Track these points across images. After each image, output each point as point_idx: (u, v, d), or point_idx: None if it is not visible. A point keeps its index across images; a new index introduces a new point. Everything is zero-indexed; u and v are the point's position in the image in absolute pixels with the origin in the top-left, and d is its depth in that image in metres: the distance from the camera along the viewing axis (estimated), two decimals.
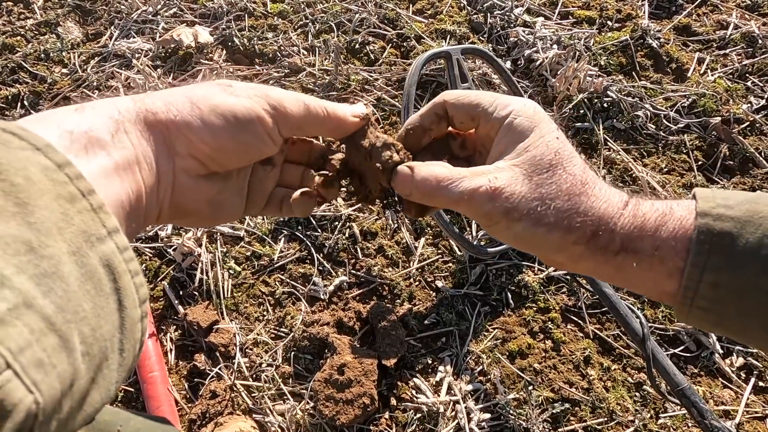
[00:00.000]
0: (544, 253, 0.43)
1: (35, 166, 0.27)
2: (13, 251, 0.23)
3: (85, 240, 0.27)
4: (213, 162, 0.39)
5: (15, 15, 1.52)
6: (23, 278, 0.23)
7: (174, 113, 0.37)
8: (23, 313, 0.23)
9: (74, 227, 0.27)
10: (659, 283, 0.39)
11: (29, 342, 0.22)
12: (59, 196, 0.27)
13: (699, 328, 0.41)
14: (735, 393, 0.88)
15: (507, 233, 0.42)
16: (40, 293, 0.24)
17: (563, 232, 0.40)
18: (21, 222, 0.25)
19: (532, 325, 0.94)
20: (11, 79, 1.36)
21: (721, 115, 1.20)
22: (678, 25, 1.40)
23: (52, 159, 0.28)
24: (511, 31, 1.37)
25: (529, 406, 0.85)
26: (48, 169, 0.27)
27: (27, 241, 0.24)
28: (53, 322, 0.24)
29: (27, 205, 0.25)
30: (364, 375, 0.83)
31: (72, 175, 0.28)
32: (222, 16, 1.45)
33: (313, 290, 0.99)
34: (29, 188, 0.26)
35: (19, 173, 0.26)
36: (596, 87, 1.23)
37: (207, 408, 0.85)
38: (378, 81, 1.29)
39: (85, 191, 0.28)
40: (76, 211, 0.27)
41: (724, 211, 0.37)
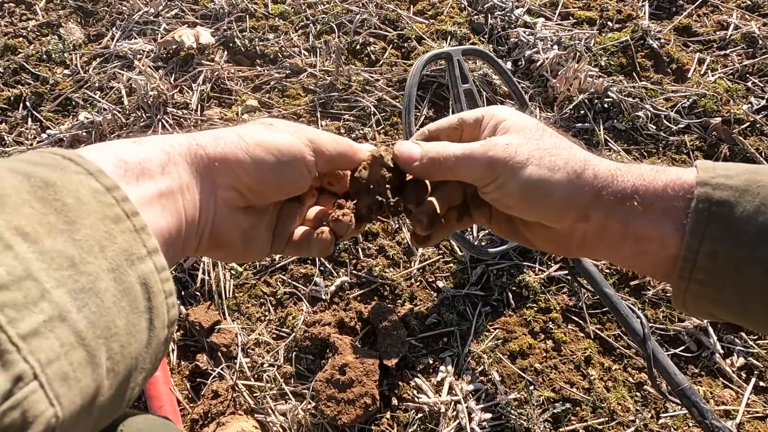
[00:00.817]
0: (553, 208, 0.42)
1: (86, 188, 0.29)
2: (57, 265, 0.25)
3: (125, 258, 0.29)
4: (253, 194, 0.42)
5: (17, 16, 1.52)
6: (62, 292, 0.24)
7: (222, 146, 0.39)
8: (57, 326, 0.24)
9: (117, 246, 0.29)
10: (665, 244, 0.39)
11: (58, 355, 0.23)
12: (105, 217, 0.29)
13: (695, 313, 0.41)
14: (735, 393, 0.88)
15: (512, 184, 0.42)
16: (75, 307, 0.25)
17: (568, 175, 0.41)
18: (67, 239, 0.26)
19: (533, 325, 0.94)
20: (13, 80, 1.36)
21: (721, 116, 1.20)
22: (678, 25, 1.40)
23: (102, 183, 0.30)
24: (511, 31, 1.37)
25: (530, 406, 0.85)
26: (97, 192, 0.29)
27: (70, 256, 0.26)
28: (83, 336, 0.25)
29: (74, 223, 0.27)
30: (365, 375, 0.84)
31: (119, 198, 0.30)
32: (223, 17, 1.46)
33: (314, 290, 0.99)
34: (78, 208, 0.28)
35: (71, 195, 0.28)
36: (597, 87, 1.23)
37: (209, 408, 0.86)
38: (379, 82, 1.29)
39: (129, 213, 0.30)
40: (119, 230, 0.29)
41: (724, 180, 0.37)
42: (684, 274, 0.38)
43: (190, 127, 1.23)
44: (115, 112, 1.25)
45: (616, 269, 1.00)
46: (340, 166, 0.48)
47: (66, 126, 1.25)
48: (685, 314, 0.41)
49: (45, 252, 0.25)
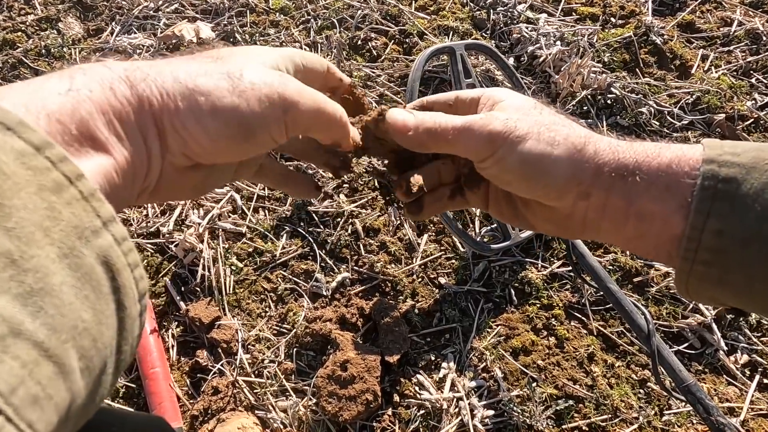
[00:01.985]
0: (553, 184, 0.41)
1: (8, 152, 0.23)
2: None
3: (78, 236, 0.24)
4: (204, 159, 0.36)
5: (16, 11, 1.51)
6: (5, 301, 0.20)
7: (171, 108, 0.32)
8: (11, 345, 0.20)
9: (63, 223, 0.24)
10: (668, 223, 0.38)
11: (21, 378, 0.20)
12: (42, 188, 0.23)
13: (697, 297, 0.40)
14: (739, 390, 0.88)
15: (511, 159, 0.40)
16: (28, 316, 0.21)
17: (569, 150, 0.40)
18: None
19: (536, 322, 0.94)
20: (12, 75, 1.35)
21: (725, 112, 1.20)
22: (682, 21, 1.40)
23: (28, 140, 0.23)
24: (513, 27, 1.36)
25: (532, 402, 0.84)
26: (25, 155, 0.23)
27: (6, 252, 0.21)
28: (47, 347, 0.21)
29: (2, 207, 0.22)
30: (367, 371, 0.83)
31: (55, 158, 0.24)
32: (223, 12, 1.45)
33: (315, 287, 0.98)
34: (2, 184, 0.22)
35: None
36: (600, 84, 1.22)
37: (209, 404, 0.85)
38: (380, 77, 1.28)
39: (72, 176, 0.25)
40: (64, 202, 0.24)
41: (731, 158, 0.36)
42: (688, 255, 0.37)
43: None
44: None
45: (620, 265, 1.00)
46: (321, 136, 0.41)
47: None
48: (687, 299, 0.41)
49: None
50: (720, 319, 0.94)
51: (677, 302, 0.96)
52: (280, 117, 0.35)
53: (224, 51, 0.37)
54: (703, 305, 0.94)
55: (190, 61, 0.35)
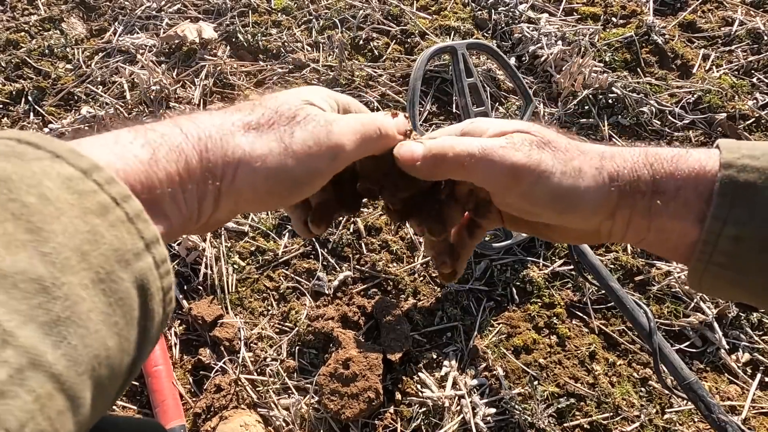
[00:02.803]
0: (582, 215, 0.40)
1: (53, 179, 0.23)
2: (21, 294, 0.20)
3: (117, 260, 0.24)
4: (248, 211, 0.39)
5: (19, 11, 1.52)
6: (30, 330, 0.20)
7: (230, 177, 0.34)
8: (28, 378, 0.20)
9: (105, 246, 0.24)
10: (686, 233, 0.38)
11: (32, 414, 0.20)
12: (86, 211, 0.24)
13: (710, 293, 0.40)
14: (741, 388, 0.88)
15: (539, 193, 0.39)
16: (50, 345, 0.21)
17: (595, 180, 0.39)
18: (33, 253, 0.21)
19: (537, 321, 0.94)
20: (15, 75, 1.36)
21: (726, 112, 1.20)
22: (683, 21, 1.40)
23: (76, 165, 0.24)
24: (515, 27, 1.37)
25: (534, 400, 0.85)
26: (71, 179, 0.24)
27: (39, 278, 0.21)
28: (63, 380, 0.21)
29: (41, 231, 0.22)
30: (369, 369, 0.83)
31: (102, 181, 0.25)
32: (226, 12, 1.45)
33: (317, 285, 0.99)
34: (43, 209, 0.22)
35: (31, 191, 0.22)
36: (601, 83, 1.22)
37: (212, 402, 0.85)
38: (382, 77, 1.28)
39: (119, 197, 0.25)
40: (108, 224, 0.24)
41: (749, 161, 0.36)
42: (703, 257, 0.37)
43: None
44: (117, 107, 1.24)
45: (621, 264, 1.00)
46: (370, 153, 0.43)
47: (68, 120, 1.25)
48: (698, 292, 0.41)
49: (4, 278, 0.20)
50: (721, 317, 0.94)
51: (679, 301, 0.96)
52: (328, 165, 0.37)
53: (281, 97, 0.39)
54: (709, 297, 0.94)
55: (249, 116, 0.36)
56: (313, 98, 0.40)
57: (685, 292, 0.96)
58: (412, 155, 0.41)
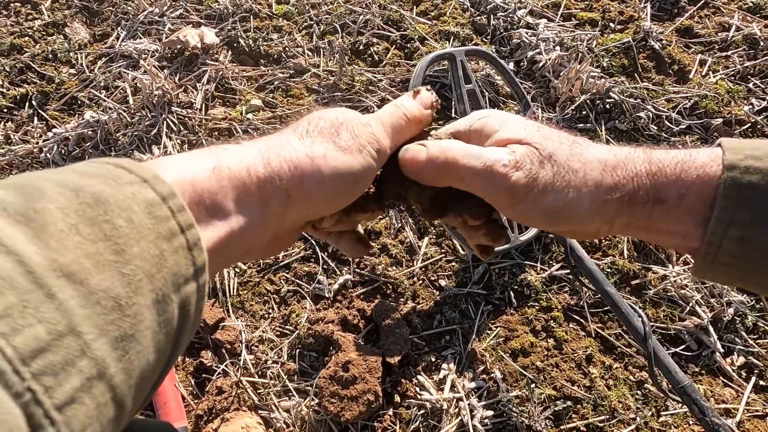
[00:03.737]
0: (576, 225, 0.41)
1: (140, 203, 0.27)
2: (101, 310, 0.23)
3: (173, 283, 0.27)
4: (317, 216, 0.41)
5: (23, 16, 1.53)
6: (102, 343, 0.23)
7: (303, 187, 0.36)
8: (94, 386, 0.22)
9: (166, 270, 0.27)
10: (688, 236, 0.38)
11: (92, 420, 0.22)
12: (159, 236, 0.27)
13: (715, 281, 0.41)
14: (736, 392, 0.89)
15: (534, 212, 0.40)
16: (114, 359, 0.23)
17: (591, 193, 0.39)
18: (115, 274, 0.24)
19: (535, 324, 0.95)
20: (19, 80, 1.37)
21: (722, 117, 1.21)
22: (680, 27, 1.41)
23: (158, 191, 0.28)
24: (514, 32, 1.38)
25: (531, 403, 0.86)
26: (152, 205, 0.27)
27: (116, 296, 0.24)
28: (118, 392, 0.24)
29: (123, 254, 0.25)
30: (368, 372, 0.84)
31: (175, 209, 0.28)
32: (227, 18, 1.47)
33: (317, 288, 1.00)
34: (129, 232, 0.26)
35: (123, 214, 0.26)
36: (598, 88, 1.24)
37: (213, 404, 0.87)
38: (382, 82, 1.30)
39: (185, 225, 0.28)
40: (172, 249, 0.27)
41: (753, 162, 0.36)
42: (707, 257, 0.37)
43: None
44: (120, 111, 1.26)
45: (618, 268, 1.01)
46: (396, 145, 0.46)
47: (72, 125, 1.26)
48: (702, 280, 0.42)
49: (91, 294, 0.23)
50: (717, 321, 0.95)
51: (674, 304, 0.97)
52: (375, 158, 0.40)
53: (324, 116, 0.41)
54: (704, 302, 0.95)
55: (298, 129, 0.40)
56: (349, 111, 0.42)
57: (680, 296, 0.97)
58: (415, 161, 0.42)
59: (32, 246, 0.22)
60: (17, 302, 0.21)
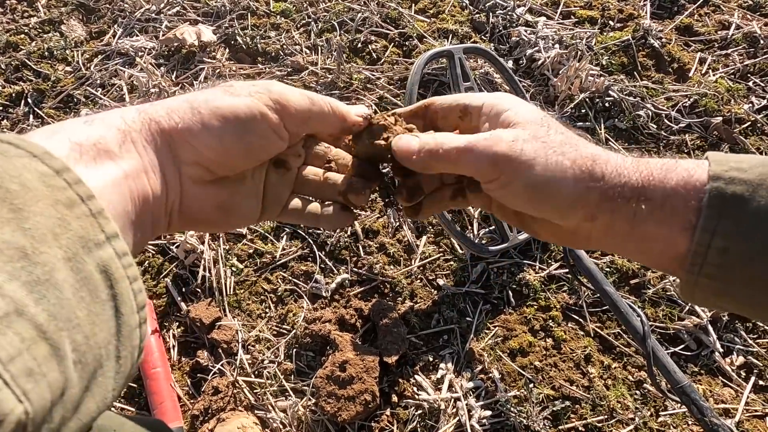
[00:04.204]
0: (558, 208, 0.41)
1: (32, 173, 0.27)
2: (7, 258, 0.23)
3: (82, 246, 0.27)
4: (219, 166, 0.40)
5: (18, 13, 1.52)
6: (15, 285, 0.23)
7: (176, 120, 0.37)
8: (14, 321, 0.22)
9: (71, 232, 0.27)
10: (672, 243, 0.38)
11: (20, 351, 0.22)
12: (57, 202, 0.27)
13: (704, 304, 0.41)
14: (735, 391, 0.88)
15: (517, 184, 0.40)
16: (32, 300, 0.23)
17: (575, 176, 0.40)
18: (15, 228, 0.24)
19: (533, 324, 0.95)
20: (15, 77, 1.36)
21: (722, 115, 1.20)
22: (680, 25, 1.41)
23: (50, 165, 0.28)
24: (512, 30, 1.37)
25: (529, 403, 0.85)
26: (46, 176, 0.27)
27: (21, 247, 0.24)
28: (45, 330, 0.23)
29: (22, 211, 0.25)
30: (365, 372, 0.84)
31: (71, 180, 0.28)
32: (225, 15, 1.46)
33: (315, 288, 0.99)
34: (24, 195, 0.26)
35: (14, 180, 0.26)
36: (598, 87, 1.23)
37: (209, 404, 0.86)
38: (380, 80, 1.29)
39: (84, 196, 0.28)
40: (74, 216, 0.27)
41: (737, 174, 0.36)
42: (693, 269, 0.37)
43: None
44: None
45: (617, 267, 1.00)
46: (320, 127, 0.46)
47: None
48: (692, 304, 0.41)
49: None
50: (716, 321, 0.94)
51: (674, 304, 0.97)
52: (270, 104, 0.40)
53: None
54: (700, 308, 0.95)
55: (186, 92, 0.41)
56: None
57: (680, 296, 0.97)
58: (409, 149, 0.44)
59: None
60: None
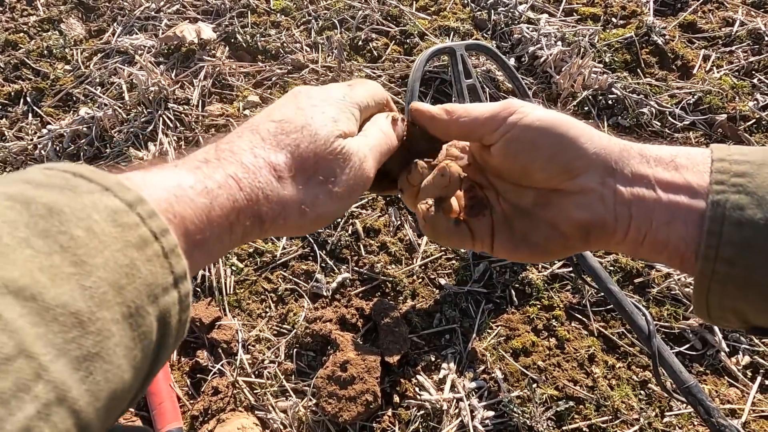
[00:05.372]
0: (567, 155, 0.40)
1: (101, 212, 0.25)
2: (59, 328, 0.21)
3: (148, 294, 0.25)
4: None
5: (18, 11, 1.52)
6: (62, 364, 0.21)
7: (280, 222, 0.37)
8: (53, 413, 0.20)
9: (139, 280, 0.25)
10: (689, 214, 0.36)
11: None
12: (127, 245, 0.25)
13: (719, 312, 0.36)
14: (741, 391, 0.87)
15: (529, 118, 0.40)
16: (76, 380, 0.21)
17: (585, 133, 0.39)
18: (75, 286, 0.22)
19: (536, 323, 0.94)
20: (14, 76, 1.36)
21: (726, 113, 1.19)
22: (683, 22, 1.39)
23: (123, 198, 0.26)
24: (515, 27, 1.36)
25: (533, 403, 0.84)
26: (117, 212, 0.25)
27: (77, 312, 0.22)
28: (82, 417, 0.22)
29: (84, 265, 0.23)
30: (366, 372, 0.83)
31: (144, 215, 0.26)
32: (225, 13, 1.45)
33: (315, 287, 0.98)
34: (90, 242, 0.24)
35: (81, 224, 0.24)
36: (601, 84, 1.22)
37: (209, 404, 0.85)
38: (381, 78, 1.28)
39: (158, 232, 0.26)
40: (144, 258, 0.25)
41: (740, 157, 0.36)
42: (710, 253, 0.34)
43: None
44: (115, 108, 1.24)
45: (621, 266, 0.99)
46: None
47: (66, 121, 1.24)
48: (706, 319, 0.38)
49: (46, 310, 0.21)
50: None
51: (678, 303, 0.96)
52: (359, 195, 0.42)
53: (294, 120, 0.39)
54: None
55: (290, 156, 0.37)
56: (341, 122, 0.40)
57: (685, 295, 0.96)
58: (424, 111, 0.46)
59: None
60: None
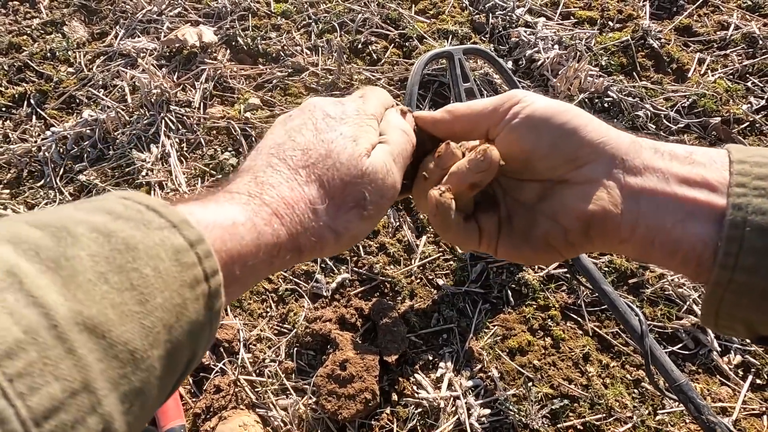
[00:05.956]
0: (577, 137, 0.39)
1: (167, 251, 0.27)
2: (118, 363, 0.24)
3: (189, 332, 0.27)
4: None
5: (21, 14, 1.53)
6: (113, 398, 0.23)
7: (318, 250, 0.39)
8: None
9: (185, 319, 0.27)
10: (708, 212, 0.33)
11: None
12: (183, 284, 0.27)
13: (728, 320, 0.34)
14: (732, 390, 0.89)
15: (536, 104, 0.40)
16: (121, 413, 0.24)
17: (596, 125, 0.39)
18: (136, 326, 0.25)
19: (532, 323, 0.95)
20: (18, 78, 1.37)
21: (721, 116, 1.21)
22: (679, 25, 1.41)
23: (186, 237, 0.28)
24: (512, 31, 1.38)
25: (528, 402, 0.86)
26: (180, 251, 0.27)
27: (134, 350, 0.24)
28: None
29: (146, 304, 0.25)
30: (365, 371, 0.85)
31: (202, 254, 0.28)
32: (226, 16, 1.46)
33: (315, 287, 1.00)
34: (154, 282, 0.26)
35: (150, 263, 0.26)
36: (597, 87, 1.23)
37: (211, 402, 0.87)
38: (380, 81, 1.30)
39: (209, 272, 0.28)
40: (193, 297, 0.28)
41: (761, 159, 0.34)
42: (728, 261, 0.31)
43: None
44: (118, 110, 1.26)
45: (615, 267, 1.01)
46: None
47: (70, 123, 1.26)
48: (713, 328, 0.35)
49: (110, 347, 0.23)
50: None
51: (672, 303, 0.98)
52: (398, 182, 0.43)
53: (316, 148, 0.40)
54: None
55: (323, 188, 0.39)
56: (361, 140, 0.41)
57: (678, 295, 0.98)
58: (432, 115, 0.47)
59: (59, 297, 0.23)
60: (38, 359, 0.21)
